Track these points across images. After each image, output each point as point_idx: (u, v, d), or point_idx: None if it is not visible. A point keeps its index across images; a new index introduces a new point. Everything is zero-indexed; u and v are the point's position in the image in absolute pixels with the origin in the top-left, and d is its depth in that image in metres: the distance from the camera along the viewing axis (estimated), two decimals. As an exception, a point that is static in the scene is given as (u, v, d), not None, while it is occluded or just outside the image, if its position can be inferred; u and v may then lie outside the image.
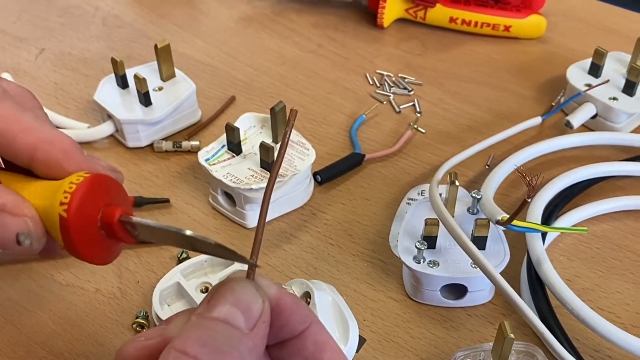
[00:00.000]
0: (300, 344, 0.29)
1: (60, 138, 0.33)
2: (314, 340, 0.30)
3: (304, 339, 0.29)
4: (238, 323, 0.27)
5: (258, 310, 0.28)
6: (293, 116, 0.31)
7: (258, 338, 0.28)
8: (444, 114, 0.63)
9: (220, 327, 0.27)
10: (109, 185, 0.32)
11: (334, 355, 0.30)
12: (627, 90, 0.59)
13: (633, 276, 0.49)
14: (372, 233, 0.52)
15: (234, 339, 0.27)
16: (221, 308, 0.27)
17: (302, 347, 0.29)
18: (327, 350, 0.30)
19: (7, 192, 0.31)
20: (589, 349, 0.45)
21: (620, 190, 0.55)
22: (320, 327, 0.30)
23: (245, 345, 0.27)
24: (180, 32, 0.73)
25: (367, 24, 0.74)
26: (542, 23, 0.71)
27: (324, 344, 0.30)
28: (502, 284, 0.42)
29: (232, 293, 0.28)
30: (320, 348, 0.30)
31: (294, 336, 0.29)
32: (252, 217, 0.52)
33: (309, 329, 0.29)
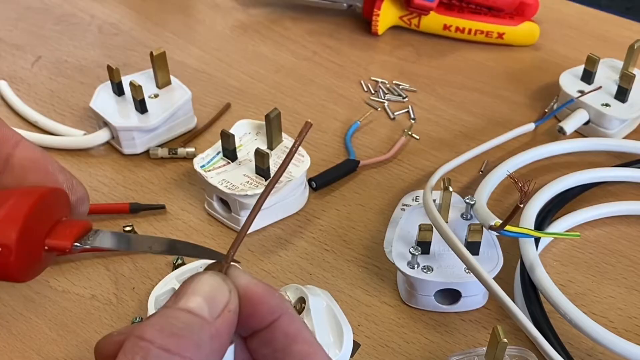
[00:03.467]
0: (270, 336, 0.29)
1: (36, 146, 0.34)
2: (284, 332, 0.29)
3: (274, 330, 0.29)
4: (201, 312, 0.27)
5: (223, 299, 0.28)
6: (307, 129, 0.31)
7: (222, 326, 0.27)
8: (438, 120, 0.64)
9: (182, 315, 0.27)
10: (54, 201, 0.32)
11: (306, 346, 0.29)
12: (620, 97, 0.59)
13: (626, 281, 0.50)
14: (366, 239, 0.53)
15: (194, 326, 0.27)
16: (186, 299, 0.27)
17: (272, 338, 0.29)
18: (298, 341, 0.29)
19: None
20: (582, 353, 0.45)
21: (612, 195, 0.56)
22: (292, 318, 0.29)
23: (207, 332, 0.27)
24: (175, 40, 0.74)
25: (361, 31, 0.75)
26: (535, 30, 0.72)
27: (295, 335, 0.29)
28: (495, 289, 0.42)
29: (198, 284, 0.28)
30: (290, 339, 0.29)
31: (264, 327, 0.29)
32: (247, 223, 0.52)
33: (278, 320, 0.29)
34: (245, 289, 0.29)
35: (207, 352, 0.27)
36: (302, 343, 0.29)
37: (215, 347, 0.27)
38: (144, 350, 0.26)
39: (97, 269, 0.51)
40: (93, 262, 0.51)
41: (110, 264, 0.51)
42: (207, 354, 0.27)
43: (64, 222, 0.32)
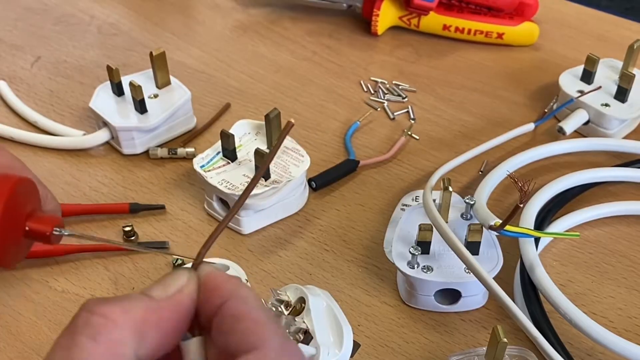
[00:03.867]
0: (220, 320, 0.28)
1: None
2: (231, 314, 0.28)
3: (222, 315, 0.28)
4: (152, 293, 0.28)
5: (178, 283, 0.29)
6: (288, 128, 0.31)
7: (168, 304, 0.28)
8: (437, 120, 0.64)
9: (134, 294, 0.28)
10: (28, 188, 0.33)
11: (251, 324, 0.28)
12: (619, 97, 0.59)
13: (625, 281, 0.50)
14: (366, 239, 0.53)
15: (132, 298, 0.28)
16: (149, 286, 0.29)
17: (221, 322, 0.28)
18: (243, 320, 0.28)
19: None
20: (582, 353, 0.45)
21: (612, 195, 0.56)
22: (243, 300, 0.29)
23: (143, 303, 0.27)
24: (175, 40, 0.74)
25: (361, 31, 0.75)
26: (535, 30, 0.72)
27: (241, 315, 0.28)
28: (495, 289, 0.42)
29: (165, 276, 0.29)
30: (235, 320, 0.28)
31: (215, 313, 0.29)
32: (247, 223, 0.52)
33: (227, 303, 0.28)
34: (204, 277, 0.29)
35: (136, 319, 0.27)
36: (246, 321, 0.28)
37: (151, 319, 0.27)
38: (77, 316, 0.27)
39: (96, 269, 0.51)
40: (93, 262, 0.51)
41: (110, 264, 0.51)
42: (136, 321, 0.27)
43: (39, 213, 0.33)
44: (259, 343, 0.27)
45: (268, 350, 0.27)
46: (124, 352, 0.26)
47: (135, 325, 0.27)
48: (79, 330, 0.26)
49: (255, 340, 0.27)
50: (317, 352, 0.38)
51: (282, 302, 0.41)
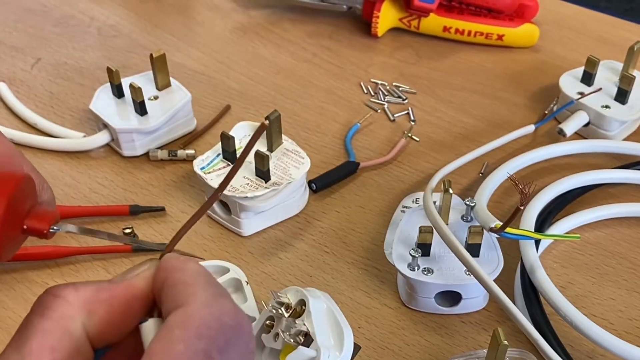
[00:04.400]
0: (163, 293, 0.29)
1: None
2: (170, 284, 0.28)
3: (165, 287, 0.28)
4: (112, 279, 0.29)
5: (136, 270, 0.30)
6: (261, 130, 0.30)
7: (119, 284, 0.29)
8: (437, 122, 0.64)
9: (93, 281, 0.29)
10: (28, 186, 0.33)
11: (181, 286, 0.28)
12: (619, 98, 0.59)
13: (626, 283, 0.50)
14: (366, 241, 0.53)
15: (91, 282, 0.29)
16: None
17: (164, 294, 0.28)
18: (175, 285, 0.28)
19: None
20: (582, 355, 0.45)
21: (612, 197, 0.56)
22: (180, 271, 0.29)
23: (96, 284, 0.28)
24: (175, 42, 0.74)
25: (361, 33, 0.75)
26: (535, 32, 0.72)
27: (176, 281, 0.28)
28: (496, 291, 0.42)
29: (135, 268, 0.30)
30: (169, 287, 0.28)
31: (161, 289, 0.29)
32: (247, 225, 0.52)
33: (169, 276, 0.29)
34: (160, 262, 0.30)
35: (85, 297, 0.28)
36: (177, 285, 0.28)
37: (101, 297, 0.28)
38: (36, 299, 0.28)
39: (96, 270, 0.51)
40: (93, 264, 0.51)
41: (110, 266, 0.51)
42: (86, 299, 0.28)
43: (37, 209, 0.34)
44: (183, 300, 0.27)
45: (192, 305, 0.27)
46: (72, 326, 0.27)
47: (84, 303, 0.28)
48: (33, 309, 0.27)
49: (180, 297, 0.28)
50: (317, 355, 0.38)
51: (283, 304, 0.41)
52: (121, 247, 0.51)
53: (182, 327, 0.27)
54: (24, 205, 0.33)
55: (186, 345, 0.26)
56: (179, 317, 0.27)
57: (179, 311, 0.27)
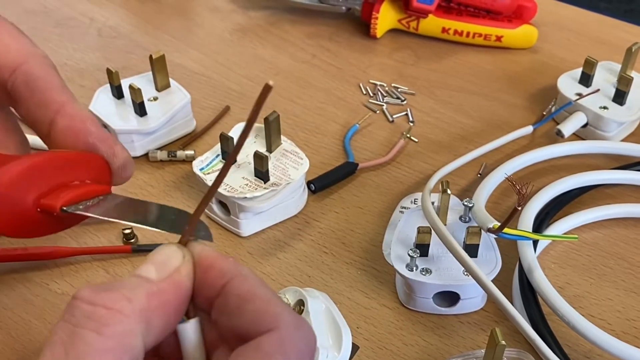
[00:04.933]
0: (224, 301, 0.27)
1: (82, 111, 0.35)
2: (237, 294, 0.27)
3: (227, 295, 0.27)
4: (147, 274, 0.27)
5: (174, 263, 0.28)
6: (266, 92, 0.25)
7: (167, 286, 0.27)
8: (436, 123, 0.64)
9: (127, 278, 0.27)
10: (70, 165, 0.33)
11: (262, 304, 0.27)
12: (617, 100, 0.59)
13: (624, 283, 0.50)
14: (365, 241, 0.53)
15: (132, 284, 0.26)
16: (139, 268, 0.28)
17: (226, 303, 0.27)
18: (251, 300, 0.27)
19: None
20: (580, 355, 0.45)
21: (610, 198, 0.56)
22: (245, 279, 0.28)
23: (144, 288, 0.26)
24: (175, 43, 0.74)
25: (360, 34, 0.75)
26: (533, 33, 0.72)
27: (248, 294, 0.27)
28: (494, 291, 0.42)
29: (154, 253, 0.28)
30: (243, 300, 0.27)
31: (217, 293, 0.28)
32: (246, 225, 0.53)
33: (230, 282, 0.27)
34: (198, 256, 0.28)
35: (141, 307, 0.26)
36: (255, 301, 0.27)
37: (154, 304, 0.26)
38: (72, 308, 0.25)
39: (96, 271, 0.51)
40: (92, 264, 0.51)
41: (110, 266, 0.51)
42: (142, 308, 0.26)
43: (74, 185, 0.33)
44: (273, 323, 0.27)
45: (285, 329, 0.27)
46: (133, 343, 0.25)
47: (141, 314, 0.26)
48: (82, 323, 0.25)
49: (269, 320, 0.27)
50: (315, 354, 0.39)
51: (281, 304, 0.41)
52: (121, 248, 0.52)
53: (281, 352, 0.26)
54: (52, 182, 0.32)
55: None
56: (275, 342, 0.26)
57: (273, 336, 0.26)
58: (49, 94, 0.35)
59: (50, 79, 0.36)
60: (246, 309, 0.27)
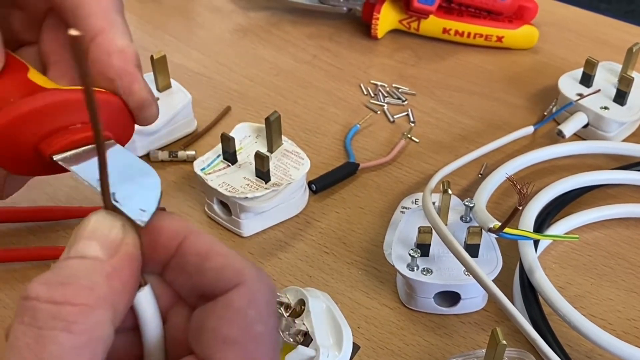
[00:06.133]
0: (181, 261, 0.26)
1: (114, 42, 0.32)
2: (194, 253, 0.26)
3: (183, 255, 0.26)
4: (93, 253, 0.25)
5: (117, 234, 0.26)
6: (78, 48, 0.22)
7: (121, 263, 0.25)
8: (437, 123, 0.64)
9: (72, 263, 0.25)
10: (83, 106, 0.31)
11: (220, 259, 0.26)
12: (618, 100, 0.59)
13: (625, 283, 0.50)
14: (366, 241, 0.53)
15: (84, 270, 0.25)
16: (77, 246, 0.25)
17: (184, 263, 0.26)
18: (210, 257, 0.26)
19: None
20: (581, 355, 0.45)
21: (611, 198, 0.56)
22: (199, 236, 0.27)
23: (100, 272, 0.25)
24: (176, 43, 0.74)
25: (361, 34, 0.75)
26: (534, 34, 0.72)
27: (206, 252, 0.26)
28: (494, 291, 0.42)
29: (87, 227, 0.26)
30: (202, 258, 0.26)
31: (172, 255, 0.27)
32: (247, 225, 0.53)
33: (184, 242, 0.26)
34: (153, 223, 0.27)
35: (104, 293, 0.24)
36: (215, 258, 0.26)
37: (116, 285, 0.25)
38: (31, 309, 0.23)
39: (97, 271, 0.51)
40: (93, 264, 0.51)
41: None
42: (106, 295, 0.24)
43: (74, 129, 0.31)
44: (239, 278, 0.26)
45: (251, 282, 0.26)
46: (105, 332, 0.24)
47: (106, 300, 0.24)
48: (49, 325, 0.23)
49: (233, 275, 0.26)
50: (316, 354, 0.39)
51: (282, 304, 0.41)
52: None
53: (254, 306, 0.26)
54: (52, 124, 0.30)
55: (265, 324, 0.26)
56: (244, 296, 0.26)
57: (241, 290, 0.26)
58: (88, 21, 0.32)
59: (94, 3, 0.33)
60: (207, 267, 0.26)
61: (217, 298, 0.26)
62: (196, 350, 0.26)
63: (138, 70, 0.32)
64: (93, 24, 0.32)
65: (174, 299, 0.28)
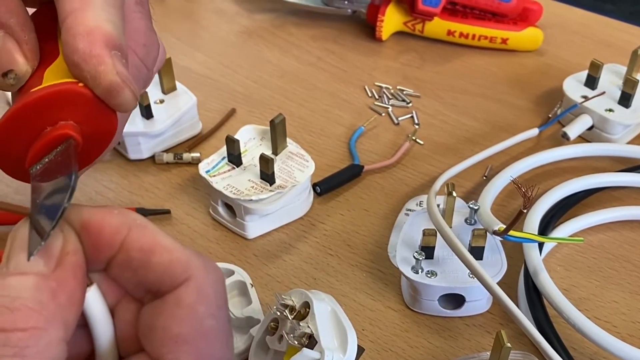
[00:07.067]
0: (125, 257, 0.26)
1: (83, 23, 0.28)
2: (139, 248, 0.26)
3: (127, 251, 0.26)
4: (35, 268, 0.24)
5: (57, 244, 0.25)
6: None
7: (66, 273, 0.25)
8: (441, 125, 0.64)
9: (12, 281, 0.24)
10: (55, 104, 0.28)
11: (166, 254, 0.26)
12: (623, 102, 0.59)
13: (629, 286, 0.50)
14: (370, 243, 0.53)
15: (29, 289, 0.23)
16: (16, 259, 0.24)
17: (128, 259, 0.26)
18: (155, 252, 0.26)
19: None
20: (585, 358, 0.45)
21: (616, 200, 0.56)
22: (142, 230, 0.26)
23: (46, 288, 0.24)
24: (181, 46, 0.74)
25: (365, 37, 0.75)
26: (539, 36, 0.72)
27: (151, 246, 0.26)
28: (499, 293, 0.42)
29: (20, 239, 0.25)
30: (146, 253, 0.26)
31: (116, 252, 0.26)
32: (252, 227, 0.53)
33: (128, 237, 0.26)
34: (79, 222, 0.26)
35: (52, 312, 0.24)
36: (160, 252, 0.26)
37: (64, 299, 0.24)
38: None
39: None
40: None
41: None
42: (54, 313, 0.24)
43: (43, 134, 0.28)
44: (186, 272, 0.26)
45: (198, 275, 0.26)
46: (58, 351, 0.24)
47: (55, 318, 0.24)
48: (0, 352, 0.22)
49: (180, 270, 0.26)
50: (321, 357, 0.39)
51: (287, 306, 0.41)
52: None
53: (203, 302, 0.25)
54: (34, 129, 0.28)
55: (216, 318, 0.26)
56: (193, 292, 0.25)
57: (189, 286, 0.25)
58: (62, 3, 0.29)
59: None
60: (153, 262, 0.26)
61: (166, 295, 0.26)
62: (147, 348, 0.26)
63: (107, 50, 0.28)
64: (66, 5, 0.29)
65: (121, 294, 0.27)
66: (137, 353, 0.26)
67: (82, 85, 0.28)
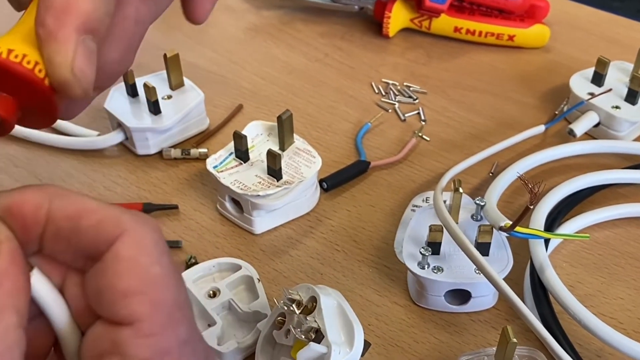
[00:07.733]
0: (54, 229, 0.25)
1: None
2: (64, 216, 0.25)
3: (54, 222, 0.25)
4: None
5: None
6: None
7: (4, 261, 0.24)
8: (448, 122, 0.64)
9: None
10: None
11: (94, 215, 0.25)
12: (630, 99, 0.59)
13: (635, 282, 0.50)
14: (377, 239, 0.53)
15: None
16: None
17: (57, 231, 0.25)
18: (82, 216, 0.25)
19: None
20: (591, 354, 0.45)
21: (622, 197, 0.56)
22: (66, 198, 0.25)
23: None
24: (189, 42, 0.74)
25: (372, 33, 0.75)
26: (546, 32, 0.72)
27: (76, 212, 0.25)
28: (505, 289, 0.43)
29: None
30: (73, 219, 0.25)
31: (44, 226, 0.25)
32: (259, 223, 0.53)
33: (51, 208, 0.25)
34: (1, 208, 0.25)
35: (2, 298, 0.24)
36: (87, 215, 0.25)
37: (9, 287, 0.24)
38: None
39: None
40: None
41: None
42: (4, 301, 0.24)
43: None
44: (118, 228, 0.25)
45: (132, 228, 0.25)
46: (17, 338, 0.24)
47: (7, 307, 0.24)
48: None
49: (111, 227, 0.25)
50: (328, 351, 0.39)
51: (294, 301, 0.42)
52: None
53: (143, 252, 0.25)
54: None
55: (160, 265, 0.25)
56: (130, 245, 0.25)
57: (125, 239, 0.25)
58: None
59: None
60: (82, 226, 0.25)
61: (104, 255, 0.25)
62: (101, 312, 0.26)
63: (76, 35, 0.26)
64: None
65: (64, 271, 0.27)
66: (95, 323, 0.26)
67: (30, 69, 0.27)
